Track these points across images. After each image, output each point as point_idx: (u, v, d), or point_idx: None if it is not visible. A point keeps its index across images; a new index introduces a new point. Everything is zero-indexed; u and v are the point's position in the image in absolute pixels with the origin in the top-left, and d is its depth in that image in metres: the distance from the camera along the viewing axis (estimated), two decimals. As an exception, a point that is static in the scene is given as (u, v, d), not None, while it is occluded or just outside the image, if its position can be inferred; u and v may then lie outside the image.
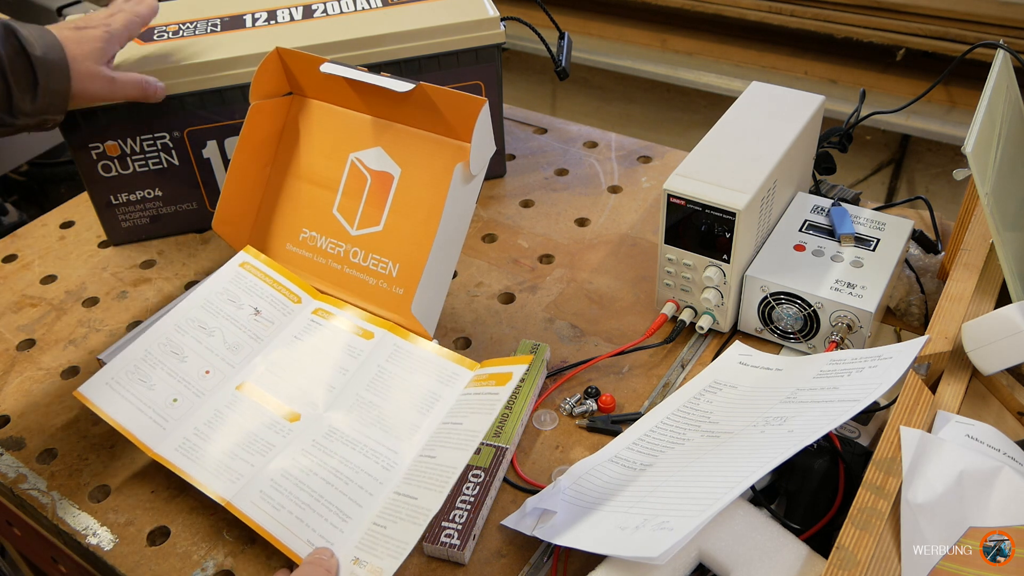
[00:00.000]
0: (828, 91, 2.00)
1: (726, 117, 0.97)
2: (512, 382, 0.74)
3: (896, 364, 0.71)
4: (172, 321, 0.87)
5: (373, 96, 0.89)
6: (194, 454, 0.78)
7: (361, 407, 0.80)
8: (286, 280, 0.91)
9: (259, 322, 0.87)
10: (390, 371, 0.82)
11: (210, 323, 0.87)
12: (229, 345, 0.86)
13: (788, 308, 0.89)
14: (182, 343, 0.85)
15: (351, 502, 0.74)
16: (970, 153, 0.75)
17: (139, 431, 0.79)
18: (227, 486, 0.76)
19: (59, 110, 0.89)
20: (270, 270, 0.91)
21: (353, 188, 0.91)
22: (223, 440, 0.79)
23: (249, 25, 1.10)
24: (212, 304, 0.88)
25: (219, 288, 0.89)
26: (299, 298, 0.90)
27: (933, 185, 2.12)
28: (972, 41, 1.78)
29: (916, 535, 0.64)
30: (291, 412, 0.80)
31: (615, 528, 0.68)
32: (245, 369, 0.84)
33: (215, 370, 0.84)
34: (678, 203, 0.87)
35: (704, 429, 0.78)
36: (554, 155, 1.28)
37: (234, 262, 0.92)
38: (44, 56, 0.85)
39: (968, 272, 0.85)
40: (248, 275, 0.90)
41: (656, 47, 2.29)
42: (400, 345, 0.84)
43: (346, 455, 0.76)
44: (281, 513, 0.73)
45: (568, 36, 1.18)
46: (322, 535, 0.72)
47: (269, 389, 0.82)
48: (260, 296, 0.89)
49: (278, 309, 0.89)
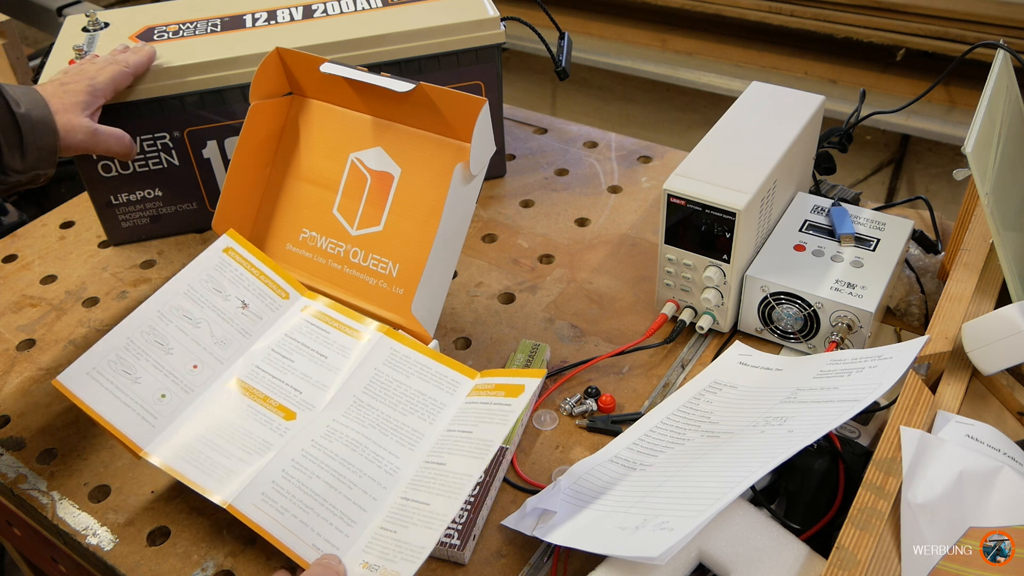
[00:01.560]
0: (828, 91, 2.00)
1: (726, 117, 0.97)
2: (526, 395, 0.73)
3: (896, 364, 0.71)
4: (154, 307, 0.84)
5: (373, 96, 0.89)
6: (189, 455, 0.76)
7: (360, 409, 0.80)
8: (272, 272, 0.90)
9: (247, 316, 0.86)
10: (387, 375, 0.82)
11: (195, 313, 0.85)
12: (217, 339, 0.84)
13: (788, 308, 0.89)
14: (166, 333, 0.83)
15: (356, 507, 0.73)
16: (970, 153, 0.75)
17: (127, 428, 0.77)
18: (227, 488, 0.74)
19: (49, 164, 0.90)
20: (254, 258, 0.90)
21: (353, 188, 0.91)
22: (218, 440, 0.77)
23: (249, 25, 1.10)
24: (196, 292, 0.86)
25: (203, 275, 0.87)
26: (286, 293, 0.89)
27: (933, 185, 2.12)
28: (972, 41, 1.78)
29: (916, 535, 0.64)
30: (286, 410, 0.80)
31: (615, 528, 0.68)
32: (234, 365, 0.84)
33: (203, 364, 0.83)
34: (678, 203, 0.87)
35: (704, 429, 0.78)
36: (554, 155, 1.28)
37: (217, 247, 0.89)
38: (28, 113, 0.87)
39: (968, 272, 0.85)
40: (233, 263, 0.89)
41: (656, 47, 2.29)
42: (397, 349, 0.83)
43: (347, 457, 0.76)
44: (285, 517, 0.72)
45: (568, 36, 1.18)
46: (327, 539, 0.71)
47: (262, 386, 0.82)
48: (247, 288, 0.88)
49: (265, 304, 0.88)
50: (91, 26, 1.12)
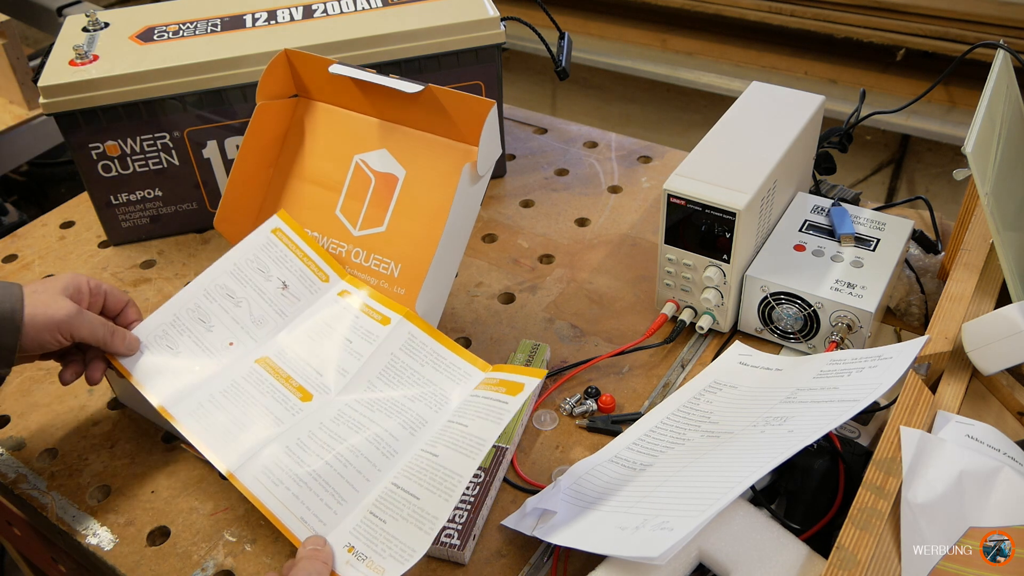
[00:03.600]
0: (828, 91, 2.00)
1: (726, 117, 0.97)
2: (524, 394, 0.73)
3: (896, 364, 0.71)
4: (201, 286, 0.87)
5: (379, 98, 0.89)
6: (205, 421, 0.78)
7: (371, 393, 0.80)
8: (315, 254, 0.91)
9: (286, 297, 0.88)
10: (402, 360, 0.83)
11: (238, 292, 0.87)
12: (255, 318, 0.86)
13: (788, 308, 0.89)
14: (209, 310, 0.86)
15: (349, 486, 0.74)
16: (970, 153, 0.75)
17: (157, 393, 0.80)
18: (232, 458, 0.76)
19: (6, 363, 0.77)
20: (301, 241, 0.91)
21: (357, 189, 0.91)
22: (234, 411, 0.79)
23: (249, 25, 1.09)
24: (241, 271, 0.88)
25: (250, 255, 0.90)
26: (327, 276, 0.90)
27: (933, 185, 2.12)
28: (972, 41, 1.78)
29: (916, 535, 0.64)
30: (304, 391, 0.81)
31: (615, 528, 0.68)
32: (267, 344, 0.85)
33: (239, 342, 0.85)
34: (678, 203, 0.87)
35: (704, 429, 0.78)
36: (554, 155, 1.28)
37: (267, 227, 0.91)
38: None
39: (968, 272, 0.85)
40: (279, 243, 0.91)
41: (656, 47, 2.29)
42: (415, 334, 0.84)
43: (350, 439, 0.76)
44: (279, 488, 0.74)
45: (568, 36, 1.18)
46: (316, 514, 0.72)
47: (287, 366, 0.83)
48: (289, 269, 0.89)
49: (305, 286, 0.89)
50: (91, 26, 1.11)
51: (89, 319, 0.79)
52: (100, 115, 1.03)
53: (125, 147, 1.06)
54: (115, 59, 1.04)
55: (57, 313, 0.76)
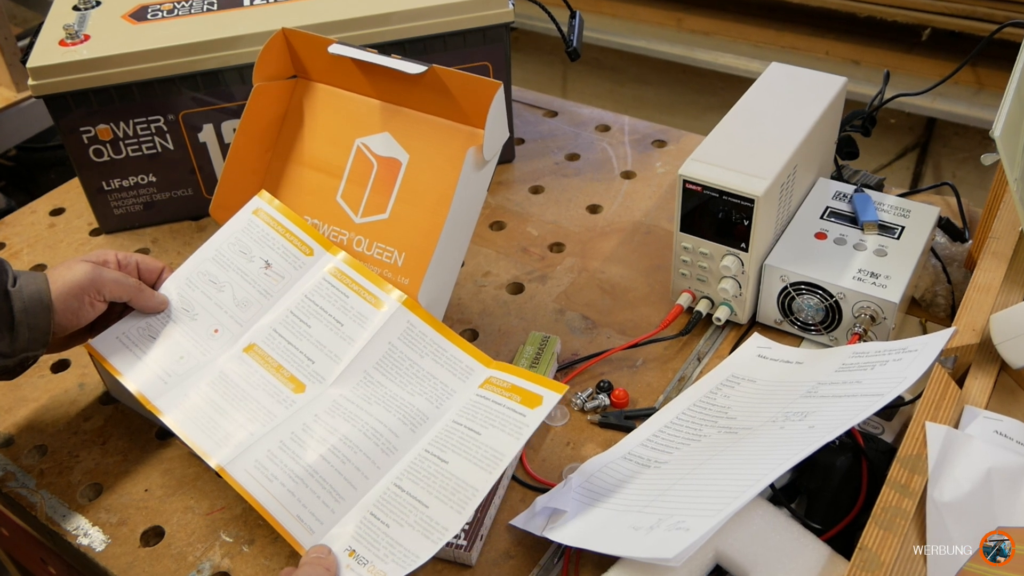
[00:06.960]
0: (850, 72, 1.97)
1: (744, 99, 0.97)
2: (543, 409, 0.73)
3: (922, 357, 0.71)
4: (184, 275, 0.87)
5: (381, 79, 0.88)
6: (195, 415, 0.78)
7: (368, 385, 0.80)
8: (299, 229, 0.90)
9: (269, 276, 0.87)
10: (401, 351, 0.82)
11: (220, 277, 0.87)
12: (238, 301, 0.86)
13: (809, 299, 0.88)
14: (192, 299, 0.86)
15: (346, 483, 0.73)
16: (998, 137, 0.75)
17: (142, 385, 0.80)
18: (223, 452, 0.76)
19: (40, 344, 0.79)
20: (283, 217, 0.91)
21: (358, 175, 0.90)
22: (225, 404, 0.79)
23: (247, 4, 1.09)
24: (223, 256, 0.88)
25: (231, 239, 0.89)
26: (311, 249, 0.89)
27: (960, 170, 2.13)
28: (1001, 20, 1.77)
29: (942, 535, 0.63)
30: (296, 382, 0.80)
31: (628, 528, 0.68)
32: (253, 329, 0.85)
33: (223, 328, 0.84)
34: (694, 189, 0.87)
35: (721, 425, 0.78)
36: (565, 139, 1.27)
37: (247, 209, 0.91)
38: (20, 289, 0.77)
39: (997, 261, 0.85)
40: (259, 223, 0.90)
41: (671, 26, 2.30)
42: (414, 324, 0.83)
43: (346, 432, 0.76)
44: (274, 484, 0.73)
45: (579, 15, 1.17)
46: (313, 512, 0.72)
47: (276, 353, 0.82)
48: (271, 247, 0.89)
49: (289, 262, 0.88)
50: (82, 4, 1.11)
51: (112, 275, 0.82)
52: (91, 97, 1.03)
53: (117, 131, 1.06)
54: (107, 39, 1.04)
55: (76, 275, 0.80)
